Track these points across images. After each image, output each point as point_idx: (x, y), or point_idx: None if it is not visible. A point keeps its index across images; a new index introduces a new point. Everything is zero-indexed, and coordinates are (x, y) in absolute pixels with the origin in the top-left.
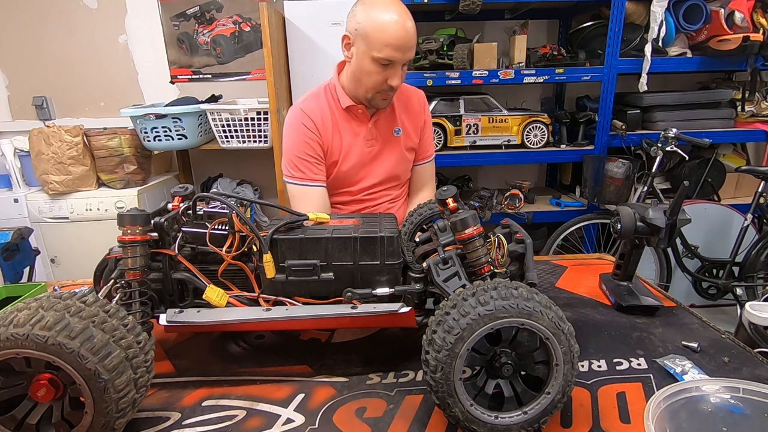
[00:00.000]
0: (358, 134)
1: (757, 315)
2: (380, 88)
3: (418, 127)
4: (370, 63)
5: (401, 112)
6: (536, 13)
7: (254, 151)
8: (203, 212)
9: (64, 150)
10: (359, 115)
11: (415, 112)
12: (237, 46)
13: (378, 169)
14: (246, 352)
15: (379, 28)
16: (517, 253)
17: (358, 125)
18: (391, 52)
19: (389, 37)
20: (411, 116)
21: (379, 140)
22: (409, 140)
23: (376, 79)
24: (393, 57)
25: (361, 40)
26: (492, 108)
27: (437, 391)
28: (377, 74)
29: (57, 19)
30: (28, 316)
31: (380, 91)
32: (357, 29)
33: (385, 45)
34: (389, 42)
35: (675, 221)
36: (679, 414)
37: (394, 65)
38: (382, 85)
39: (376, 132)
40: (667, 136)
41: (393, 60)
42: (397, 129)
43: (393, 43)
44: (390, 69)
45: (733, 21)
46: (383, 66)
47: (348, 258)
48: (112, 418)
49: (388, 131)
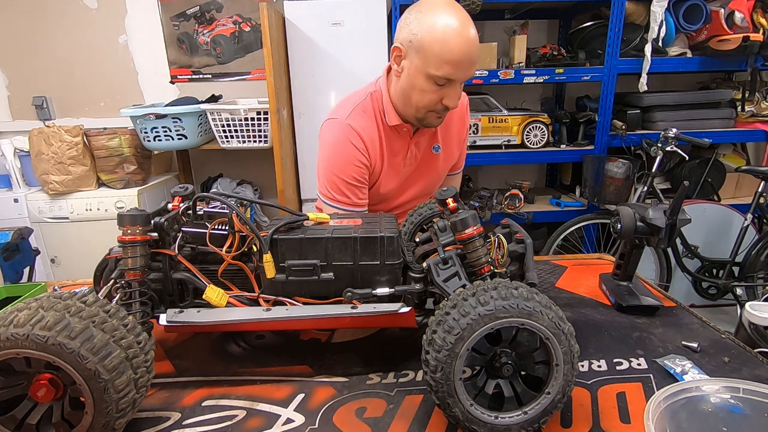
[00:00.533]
0: (398, 154)
1: (757, 315)
2: (434, 107)
3: (461, 139)
4: (425, 81)
5: (443, 126)
6: (536, 13)
7: (254, 151)
8: (203, 212)
9: (64, 150)
10: (403, 133)
11: (459, 122)
12: (237, 46)
13: (411, 188)
14: (246, 352)
15: (439, 42)
16: (517, 253)
17: (401, 144)
18: (451, 70)
19: (450, 53)
20: (453, 129)
21: (417, 159)
22: (450, 157)
23: (430, 98)
24: (453, 76)
25: (416, 54)
26: (492, 108)
27: (437, 391)
28: (432, 93)
29: (57, 20)
30: (28, 316)
31: (433, 110)
32: (411, 41)
33: (444, 62)
34: (450, 59)
35: (675, 221)
36: (679, 414)
37: (453, 84)
38: (437, 105)
39: (416, 151)
40: (667, 136)
41: (453, 79)
42: (437, 146)
43: (454, 60)
44: (447, 88)
45: (733, 21)
46: (440, 85)
47: (348, 258)
48: (112, 418)
49: (428, 149)
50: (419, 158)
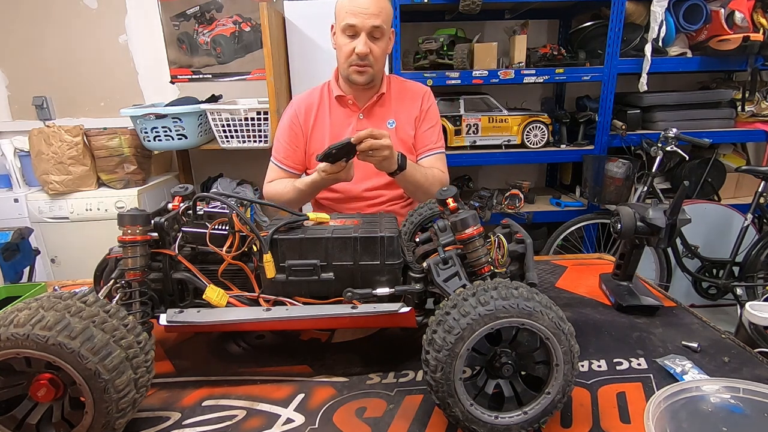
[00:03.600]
0: (348, 125)
1: (757, 315)
2: (350, 58)
3: (413, 117)
4: (340, 37)
5: (397, 104)
6: (536, 13)
7: (254, 151)
8: (203, 212)
9: (64, 150)
10: (350, 105)
11: (412, 102)
12: (237, 46)
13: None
14: (246, 352)
15: (341, 2)
16: (517, 253)
17: (349, 115)
18: (349, 17)
19: (346, 6)
20: (406, 107)
21: None
22: (404, 132)
23: (345, 50)
24: (352, 21)
25: (336, 21)
26: (492, 108)
27: (437, 391)
28: (346, 45)
29: (57, 20)
30: (28, 316)
31: (352, 63)
32: (335, 16)
33: (345, 13)
34: (347, 8)
35: (675, 221)
36: (679, 414)
37: (359, 33)
38: (351, 55)
39: (367, 123)
40: (667, 136)
41: (353, 25)
42: (391, 121)
43: (350, 9)
44: (356, 39)
45: (733, 21)
46: (350, 37)
47: (348, 258)
48: (112, 418)
49: (381, 123)
50: None
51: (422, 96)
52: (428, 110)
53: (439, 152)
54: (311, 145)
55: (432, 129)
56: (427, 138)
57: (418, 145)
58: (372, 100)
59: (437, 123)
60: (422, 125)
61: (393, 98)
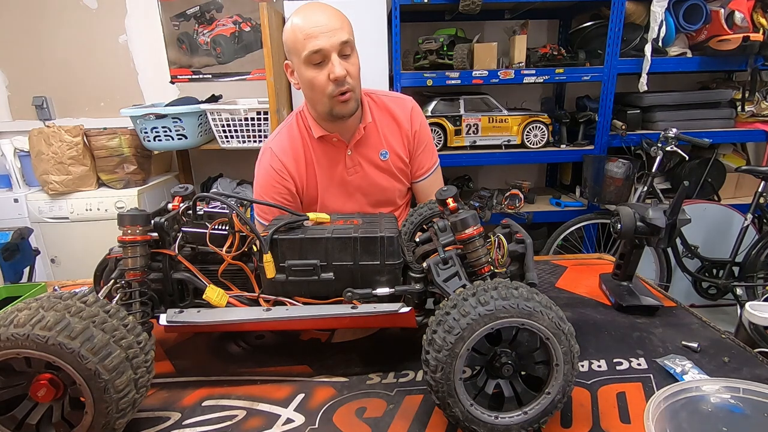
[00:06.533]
0: (338, 163)
1: (757, 315)
2: (328, 89)
3: (404, 139)
4: (307, 70)
5: (385, 129)
6: (536, 13)
7: (254, 151)
8: (203, 212)
9: (64, 150)
10: (335, 143)
11: (399, 125)
12: (237, 46)
13: (367, 199)
14: (246, 352)
15: (291, 31)
16: (517, 253)
17: (336, 154)
18: (310, 42)
19: (301, 31)
20: (394, 131)
21: (363, 166)
22: (399, 160)
23: (319, 82)
24: (316, 45)
25: (292, 56)
26: (492, 108)
27: (437, 391)
28: (317, 77)
29: (57, 19)
30: (28, 316)
31: (333, 94)
32: (287, 51)
33: (304, 39)
34: (306, 32)
35: (675, 221)
36: (679, 414)
37: (328, 57)
38: (328, 85)
39: (358, 158)
40: (667, 136)
41: (320, 49)
42: (384, 152)
43: (309, 32)
44: (326, 64)
45: (733, 21)
46: (317, 66)
47: (348, 258)
48: (112, 418)
49: (374, 155)
50: (365, 166)
51: (410, 113)
52: (419, 130)
53: (437, 167)
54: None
55: (426, 149)
56: (424, 159)
57: (416, 167)
58: (359, 134)
59: (430, 140)
60: (417, 149)
61: (379, 125)
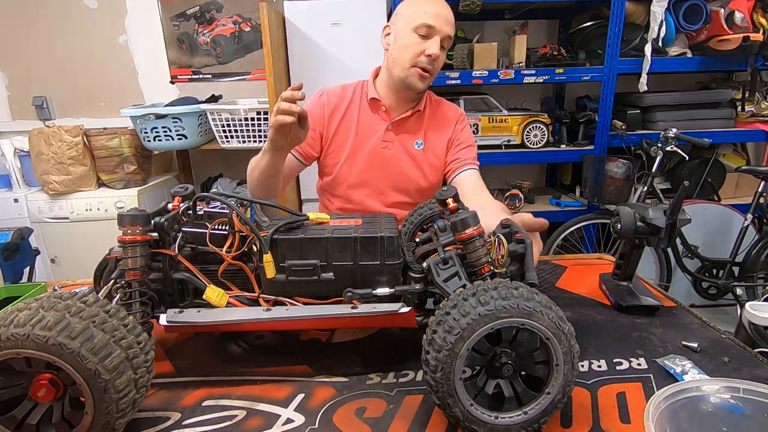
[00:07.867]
0: (375, 133)
1: (757, 315)
2: (417, 60)
3: (445, 139)
4: (409, 35)
5: (430, 124)
6: (536, 13)
7: (254, 151)
8: (203, 212)
9: (64, 150)
10: (381, 113)
11: (445, 126)
12: (237, 46)
13: (386, 178)
14: (246, 352)
15: (419, 3)
16: (517, 253)
17: (377, 124)
18: (429, 17)
19: (426, 5)
20: (438, 130)
21: (396, 146)
22: (432, 154)
23: (414, 50)
24: (431, 22)
25: (400, 20)
26: (492, 108)
27: (437, 391)
28: (416, 45)
29: (57, 19)
30: (28, 316)
31: (418, 64)
32: (396, 15)
33: (423, 12)
34: (427, 9)
35: (675, 221)
36: (679, 414)
37: (433, 36)
38: (420, 56)
39: (394, 136)
40: (667, 136)
41: (432, 26)
42: (419, 142)
43: (430, 11)
44: (428, 40)
45: (733, 21)
46: (422, 37)
47: (348, 258)
48: (112, 418)
49: (410, 141)
50: (398, 146)
51: (456, 119)
52: (462, 131)
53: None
54: (333, 141)
55: (470, 147)
56: (466, 154)
57: (456, 161)
58: (406, 114)
59: (473, 143)
60: (458, 145)
61: (427, 118)
